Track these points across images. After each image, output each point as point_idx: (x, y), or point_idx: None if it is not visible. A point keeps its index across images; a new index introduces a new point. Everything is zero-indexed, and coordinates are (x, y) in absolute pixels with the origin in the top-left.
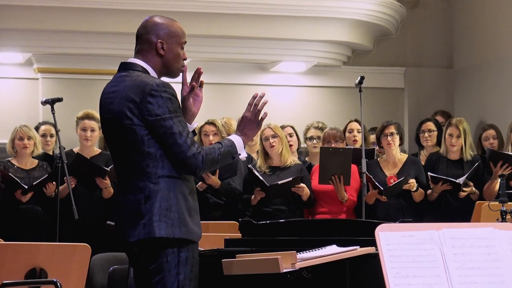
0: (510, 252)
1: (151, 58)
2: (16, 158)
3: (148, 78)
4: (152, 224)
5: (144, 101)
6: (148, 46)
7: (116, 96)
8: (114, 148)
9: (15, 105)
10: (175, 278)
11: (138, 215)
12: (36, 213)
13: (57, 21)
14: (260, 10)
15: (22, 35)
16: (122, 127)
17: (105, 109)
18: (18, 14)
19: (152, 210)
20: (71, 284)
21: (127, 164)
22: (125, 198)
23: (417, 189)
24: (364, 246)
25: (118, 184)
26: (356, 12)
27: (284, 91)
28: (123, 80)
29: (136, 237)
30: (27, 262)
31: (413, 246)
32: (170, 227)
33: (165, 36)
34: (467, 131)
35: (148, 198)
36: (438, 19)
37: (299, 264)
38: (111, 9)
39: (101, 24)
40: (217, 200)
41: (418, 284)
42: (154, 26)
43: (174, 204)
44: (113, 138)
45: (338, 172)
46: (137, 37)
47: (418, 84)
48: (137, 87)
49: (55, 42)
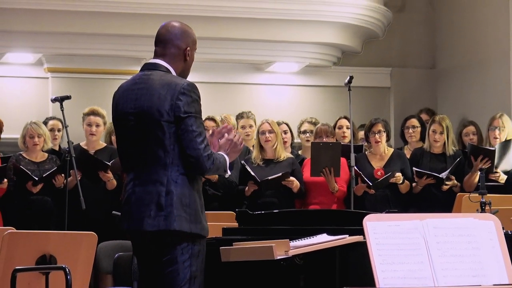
0: (489, 241)
1: (176, 62)
2: (27, 152)
3: (177, 78)
4: (172, 217)
5: (174, 98)
6: (177, 51)
7: (144, 93)
8: (136, 140)
9: (26, 102)
10: (188, 269)
11: (158, 207)
12: (46, 203)
13: (66, 24)
14: (255, 14)
15: (33, 37)
16: (152, 122)
17: (129, 104)
18: (29, 18)
19: (172, 203)
20: (79, 270)
21: (150, 157)
22: (144, 189)
23: (403, 181)
24: (352, 235)
25: (136, 177)
26: (345, 16)
27: (278, 90)
28: (149, 79)
29: (155, 227)
30: (37, 249)
31: (399, 235)
32: (188, 222)
33: (191, 44)
34: (450, 127)
35: (169, 192)
36: (422, 23)
37: (292, 252)
38: (116, 12)
39: (106, 27)
40: (215, 192)
41: (403, 271)
42: (184, 34)
43: (191, 201)
44: (137, 131)
45: (329, 165)
46: (165, 40)
47: (403, 83)
48: (168, 85)
49: (64, 43)
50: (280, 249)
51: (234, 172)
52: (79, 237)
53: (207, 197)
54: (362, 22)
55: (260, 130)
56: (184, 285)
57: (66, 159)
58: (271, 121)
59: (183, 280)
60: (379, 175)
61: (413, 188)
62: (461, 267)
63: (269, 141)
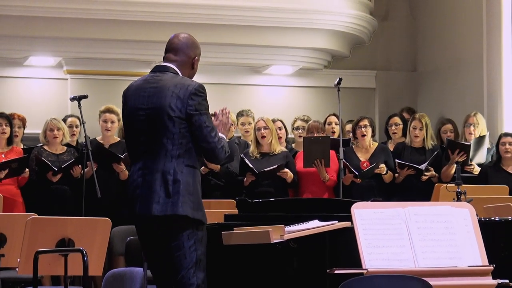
0: (464, 227)
1: (184, 68)
2: (48, 145)
3: (188, 80)
4: (178, 203)
5: (187, 97)
6: (187, 59)
7: (157, 91)
8: (147, 134)
9: (47, 101)
10: (194, 254)
11: (166, 194)
12: (65, 191)
13: (83, 30)
14: (254, 22)
15: (53, 42)
16: (163, 117)
17: (140, 100)
18: (51, 25)
19: (179, 191)
20: (95, 252)
21: (159, 149)
22: (153, 178)
23: (387, 172)
24: (341, 221)
25: (144, 165)
26: (335, 24)
27: (274, 90)
28: (162, 79)
29: (163, 212)
30: (57, 234)
31: (383, 221)
32: (191, 209)
33: (198, 54)
34: (428, 124)
35: (176, 180)
36: (404, 30)
37: (286, 236)
38: (128, 20)
39: (120, 33)
40: (217, 182)
41: (387, 253)
42: (193, 45)
43: (195, 190)
44: (149, 125)
45: (320, 157)
46: (175, 49)
47: (387, 85)
48: (181, 85)
49: (82, 48)
50: (276, 233)
51: (234, 164)
52: (95, 222)
53: (210, 186)
54: (350, 29)
55: (257, 127)
56: (191, 268)
57: (83, 152)
58: (266, 118)
59: (190, 263)
60: (365, 166)
61: (396, 178)
62: (439, 250)
63: (264, 137)
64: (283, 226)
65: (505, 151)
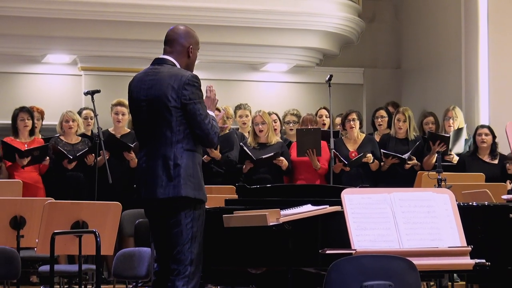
0: (444, 211)
1: (181, 58)
2: (64, 136)
3: (183, 71)
4: (180, 186)
5: (181, 87)
6: (182, 48)
7: (155, 83)
8: (148, 123)
9: (63, 95)
10: (190, 231)
11: (168, 178)
12: (79, 178)
13: (96, 30)
14: (252, 23)
15: (69, 41)
16: (161, 107)
17: (142, 92)
18: (66, 25)
19: (180, 174)
20: (106, 233)
21: (160, 137)
22: (155, 164)
23: (373, 161)
24: (332, 205)
25: (148, 152)
26: (326, 25)
27: (270, 86)
28: (159, 71)
29: (166, 195)
30: (72, 216)
31: (370, 205)
32: (192, 189)
33: (194, 43)
34: (411, 117)
35: (176, 165)
36: (389, 31)
37: (282, 219)
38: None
39: (129, 33)
40: (218, 169)
41: (373, 235)
42: (187, 34)
43: (194, 172)
44: (149, 115)
45: (311, 147)
46: (170, 40)
47: (373, 81)
48: (175, 76)
49: (95, 47)
50: (272, 217)
51: (234, 153)
52: (107, 206)
53: (212, 173)
54: (339, 30)
55: (254, 121)
56: (186, 243)
57: (96, 142)
58: (262, 113)
59: (186, 239)
60: (353, 156)
61: (381, 166)
62: (421, 232)
63: (262, 131)
64: (279, 210)
65: (481, 142)
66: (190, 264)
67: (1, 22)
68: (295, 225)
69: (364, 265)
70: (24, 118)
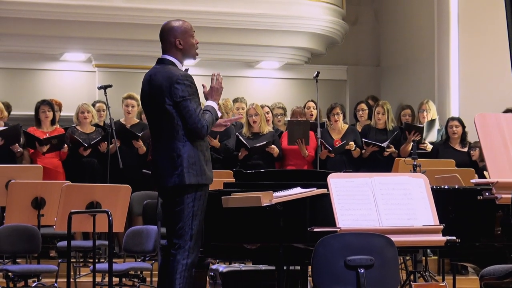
0: (419, 193)
1: (174, 52)
2: (80, 126)
3: (175, 70)
4: (183, 174)
5: (172, 87)
6: (170, 45)
7: (154, 85)
8: (153, 119)
9: (79, 89)
10: (191, 209)
11: (173, 168)
12: (93, 163)
13: (109, 31)
14: (247, 25)
15: (84, 41)
16: (160, 106)
17: (144, 93)
18: (82, 27)
19: (183, 164)
20: (117, 213)
21: (162, 132)
22: (162, 156)
23: (355, 149)
24: (319, 188)
25: (154, 146)
26: (313, 27)
27: (264, 81)
28: (159, 72)
29: (173, 183)
30: (87, 198)
31: (353, 188)
32: (195, 176)
33: (180, 35)
34: (390, 109)
35: (179, 156)
36: (370, 32)
37: (274, 200)
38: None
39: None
40: (217, 156)
41: (356, 215)
42: (169, 30)
43: (197, 159)
44: (152, 112)
45: (301, 137)
46: (161, 40)
47: (355, 77)
48: (168, 77)
49: (107, 46)
50: (266, 198)
51: (231, 142)
52: (118, 188)
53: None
54: (326, 32)
55: (248, 113)
56: (187, 220)
57: (108, 131)
58: (255, 105)
59: (187, 217)
60: (337, 144)
61: (363, 154)
62: (399, 212)
63: (255, 122)
64: (272, 192)
65: (452, 132)
66: (190, 239)
67: (24, 24)
68: (286, 205)
69: (347, 242)
70: (45, 110)
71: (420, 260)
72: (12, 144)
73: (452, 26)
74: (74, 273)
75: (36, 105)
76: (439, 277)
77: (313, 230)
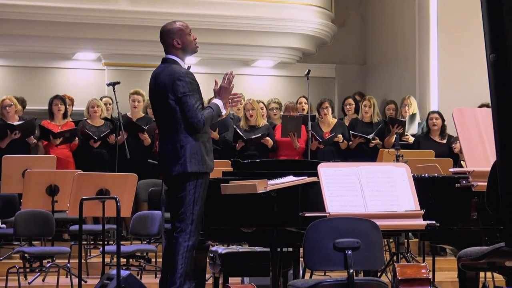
0: (402, 181)
1: (174, 51)
2: (90, 119)
3: (178, 68)
4: (186, 163)
5: (174, 83)
6: (170, 45)
7: (160, 81)
8: (159, 114)
9: (89, 86)
10: (192, 195)
11: (176, 158)
12: (103, 154)
13: (118, 33)
14: (244, 27)
15: (94, 42)
16: (164, 101)
17: (152, 88)
18: (92, 29)
19: (185, 154)
20: (125, 199)
21: (166, 126)
22: (166, 147)
23: (343, 140)
24: (310, 176)
25: (160, 138)
26: (305, 29)
27: (259, 79)
28: (163, 70)
29: (176, 171)
30: (97, 185)
31: (341, 177)
32: (197, 165)
33: (177, 35)
34: (375, 104)
35: (182, 146)
36: (357, 33)
37: (269, 188)
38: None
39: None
40: (216, 147)
41: (344, 201)
42: (166, 33)
43: (198, 150)
44: (158, 107)
45: (293, 130)
46: (161, 42)
47: (343, 75)
48: (170, 75)
49: (116, 46)
50: (261, 186)
51: (229, 134)
52: (125, 177)
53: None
54: (316, 33)
55: (245, 108)
56: (189, 206)
57: (116, 125)
58: (252, 101)
59: (189, 202)
60: (327, 136)
61: (350, 145)
62: (383, 199)
63: (252, 116)
64: (266, 180)
65: (432, 125)
66: (191, 223)
67: (39, 26)
68: (279, 192)
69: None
70: (58, 104)
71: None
72: (27, 136)
73: (431, 28)
74: (85, 254)
75: (49, 100)
76: (420, 258)
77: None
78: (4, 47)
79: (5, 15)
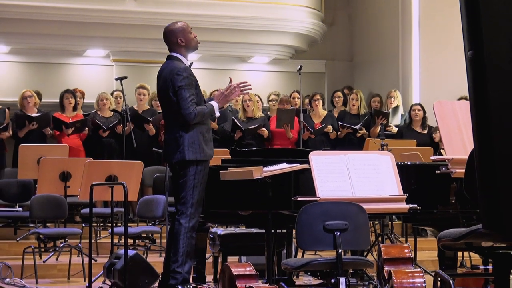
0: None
1: (178, 49)
2: (100, 111)
3: (178, 65)
4: (184, 152)
5: (173, 78)
6: (174, 44)
7: (162, 77)
8: (163, 106)
9: (99, 80)
10: (193, 181)
11: (176, 146)
12: (111, 143)
13: (125, 31)
14: (241, 26)
15: (104, 40)
16: (166, 95)
17: (158, 84)
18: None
19: (184, 143)
20: (132, 185)
21: (168, 117)
22: (169, 137)
23: (332, 131)
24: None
25: (165, 128)
26: (297, 28)
27: (255, 74)
28: (166, 67)
29: (177, 159)
30: (106, 172)
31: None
32: (195, 153)
33: (180, 34)
34: (362, 97)
35: (181, 136)
36: (345, 32)
37: (264, 174)
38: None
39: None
40: (216, 137)
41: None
42: (170, 33)
43: (196, 139)
44: (162, 101)
45: (287, 122)
46: (165, 41)
47: (332, 70)
48: (171, 70)
49: (123, 43)
50: (257, 172)
51: (228, 125)
52: (132, 164)
53: None
54: (307, 32)
55: (243, 99)
56: (189, 190)
57: (124, 116)
58: (250, 93)
59: (189, 187)
60: (317, 127)
61: (339, 135)
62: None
63: (249, 106)
64: (262, 167)
65: (415, 115)
66: (191, 206)
67: (52, 25)
68: (274, 178)
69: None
70: (68, 97)
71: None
72: (44, 127)
73: (414, 27)
74: (95, 235)
75: (60, 94)
76: (402, 239)
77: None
78: (21, 45)
79: (22, 15)
